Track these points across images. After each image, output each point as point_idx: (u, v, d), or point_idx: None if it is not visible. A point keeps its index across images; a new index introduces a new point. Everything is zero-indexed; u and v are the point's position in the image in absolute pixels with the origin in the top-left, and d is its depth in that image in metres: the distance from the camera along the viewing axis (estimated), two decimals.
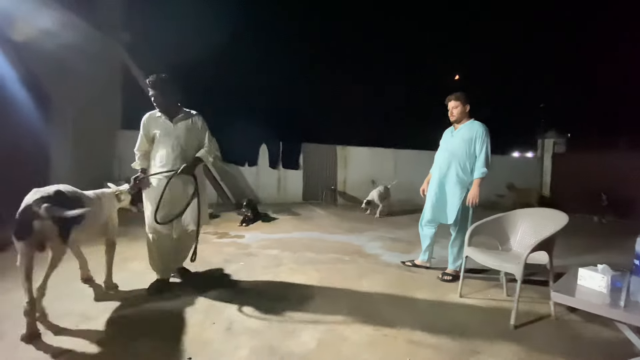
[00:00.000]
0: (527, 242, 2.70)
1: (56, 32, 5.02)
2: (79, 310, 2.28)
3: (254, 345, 1.97)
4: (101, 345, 1.91)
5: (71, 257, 3.38)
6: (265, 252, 3.95)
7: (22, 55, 4.71)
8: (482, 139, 3.09)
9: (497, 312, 2.54)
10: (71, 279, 2.82)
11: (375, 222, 6.30)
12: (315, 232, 5.19)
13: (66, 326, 2.08)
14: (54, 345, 1.87)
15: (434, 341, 2.09)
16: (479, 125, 3.15)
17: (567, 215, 2.55)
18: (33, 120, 4.89)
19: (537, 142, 10.82)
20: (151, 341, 1.97)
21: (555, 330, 2.32)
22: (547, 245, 2.41)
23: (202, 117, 2.89)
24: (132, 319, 2.23)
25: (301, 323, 2.26)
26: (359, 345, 2.02)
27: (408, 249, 4.30)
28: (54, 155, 5.50)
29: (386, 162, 9.41)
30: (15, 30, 4.57)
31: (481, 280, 3.18)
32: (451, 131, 3.35)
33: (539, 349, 2.06)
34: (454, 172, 3.18)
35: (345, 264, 3.61)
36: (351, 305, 2.57)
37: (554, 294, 1.94)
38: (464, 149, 3.13)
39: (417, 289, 2.96)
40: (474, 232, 2.76)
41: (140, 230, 2.90)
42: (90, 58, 5.89)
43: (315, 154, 9.05)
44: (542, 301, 2.71)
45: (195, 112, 2.91)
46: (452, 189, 3.20)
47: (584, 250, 4.46)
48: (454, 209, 3.17)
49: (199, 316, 2.30)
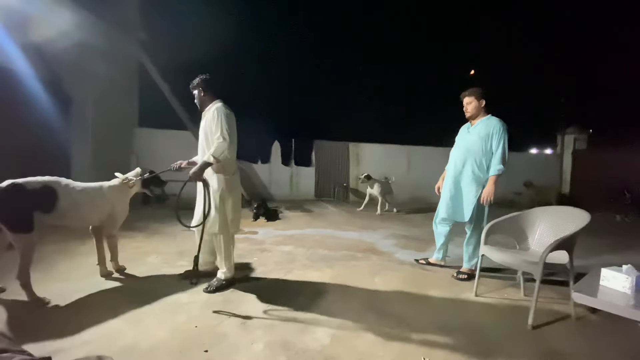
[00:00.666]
0: (546, 241, 2.63)
1: (74, 32, 5.16)
2: (99, 303, 2.36)
3: (269, 340, 1.99)
4: (119, 335, 1.98)
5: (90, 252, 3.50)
6: (278, 248, 3.99)
7: (43, 56, 4.87)
8: (500, 135, 3.00)
9: (514, 312, 2.49)
10: (93, 272, 2.91)
11: (388, 220, 6.26)
12: (328, 229, 5.20)
13: (87, 317, 2.16)
14: (77, 336, 1.95)
15: (449, 340, 2.07)
16: (496, 121, 3.06)
17: (589, 214, 2.47)
18: (55, 118, 5.06)
19: (557, 138, 10.51)
20: (167, 333, 2.02)
21: (575, 331, 2.26)
22: (567, 244, 2.34)
23: (222, 108, 2.62)
24: (148, 312, 2.29)
25: (315, 319, 2.27)
26: (374, 342, 2.02)
27: (422, 247, 4.26)
28: (75, 152, 5.68)
29: (399, 159, 9.32)
30: (35, 30, 4.71)
31: (497, 280, 3.12)
32: (467, 127, 3.28)
33: (558, 350, 2.01)
34: (469, 169, 3.12)
35: (358, 261, 3.60)
36: (365, 302, 2.57)
37: (575, 295, 1.89)
38: (480, 145, 3.06)
39: (432, 287, 2.93)
40: (490, 231, 2.71)
41: (158, 225, 2.97)
42: (108, 57, 6.03)
43: (328, 151, 9.05)
44: (561, 302, 2.64)
45: (222, 103, 2.69)
46: (468, 186, 3.14)
47: (606, 250, 4.32)
48: (469, 207, 3.12)
49: (214, 310, 2.34)
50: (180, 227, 3.21)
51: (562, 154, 10.17)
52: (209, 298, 2.53)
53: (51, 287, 2.58)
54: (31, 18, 4.57)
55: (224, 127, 2.55)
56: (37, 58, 4.71)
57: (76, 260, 3.24)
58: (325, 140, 9.10)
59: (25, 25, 4.52)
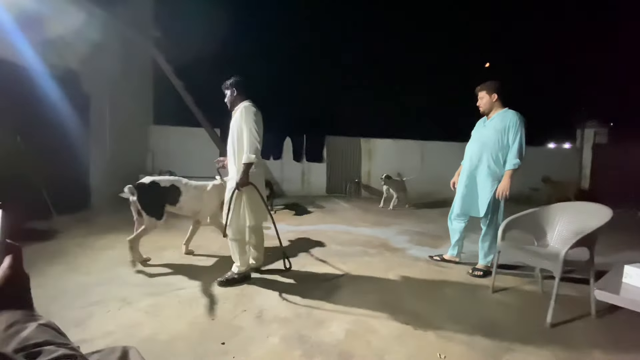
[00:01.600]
0: (565, 238, 2.57)
1: (91, 31, 5.27)
2: (120, 296, 2.43)
3: (285, 333, 2.02)
4: (139, 327, 2.03)
5: (109, 247, 3.60)
6: (291, 243, 4.01)
7: (61, 55, 4.99)
8: (516, 129, 2.92)
9: (533, 310, 2.45)
10: (113, 266, 3.00)
11: (401, 216, 6.22)
12: (341, 225, 5.20)
13: (110, 309, 2.23)
14: (99, 328, 2.01)
15: (465, 337, 2.05)
16: (513, 114, 2.98)
17: (611, 210, 2.40)
18: (73, 117, 5.19)
19: (576, 132, 10.18)
20: (185, 325, 2.07)
21: (595, 329, 2.20)
22: (588, 241, 2.28)
23: (250, 107, 2.68)
24: (167, 304, 2.35)
25: (330, 314, 2.28)
26: (389, 337, 2.02)
27: (436, 244, 4.21)
28: (93, 150, 5.83)
29: (412, 155, 9.22)
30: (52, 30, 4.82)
31: (514, 277, 3.06)
32: (484, 121, 3.21)
33: (578, 348, 1.97)
34: (485, 164, 3.06)
35: (371, 257, 3.59)
36: (379, 298, 2.56)
37: (598, 292, 1.84)
38: (496, 139, 2.99)
39: (447, 283, 2.90)
40: (507, 227, 2.66)
41: (174, 220, 3.03)
42: (124, 56, 6.15)
43: (339, 147, 9.02)
44: (580, 299, 2.58)
45: (250, 103, 2.75)
46: (484, 181, 3.08)
47: (627, 247, 4.18)
48: (485, 202, 3.07)
49: (230, 303, 2.38)
50: None
51: (582, 149, 9.86)
52: (225, 292, 2.57)
53: (75, 280, 2.67)
54: (47, 17, 4.68)
55: (253, 126, 2.62)
56: (54, 57, 4.83)
57: (96, 254, 3.34)
58: (337, 136, 9.07)
59: (42, 25, 4.64)
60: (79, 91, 5.41)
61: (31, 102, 4.50)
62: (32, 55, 4.41)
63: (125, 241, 3.00)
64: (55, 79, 4.74)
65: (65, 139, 4.98)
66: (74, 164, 5.35)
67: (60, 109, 4.83)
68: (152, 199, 2.98)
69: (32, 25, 4.38)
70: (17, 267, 0.52)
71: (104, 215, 4.96)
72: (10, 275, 0.51)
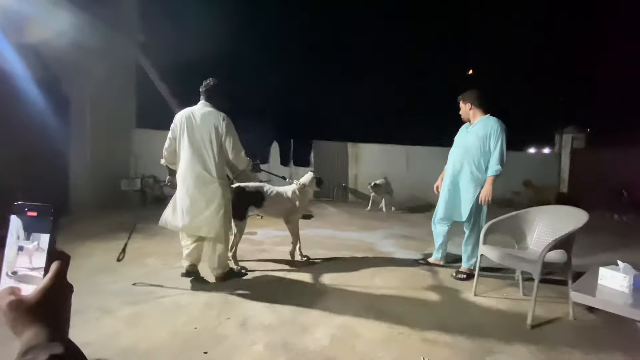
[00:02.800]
0: (544, 241, 2.64)
1: (72, 33, 5.14)
2: (98, 305, 2.35)
3: (269, 340, 1.99)
4: (118, 337, 1.97)
5: (88, 254, 3.49)
6: (278, 248, 3.98)
7: (40, 56, 4.85)
8: (497, 135, 3.00)
9: (513, 312, 2.50)
10: (92, 274, 2.91)
11: (387, 220, 6.27)
12: (327, 230, 5.20)
13: (88, 319, 2.16)
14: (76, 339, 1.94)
15: (448, 340, 2.07)
16: (495, 121, 3.07)
17: (587, 213, 2.48)
18: (53, 120, 5.03)
19: (555, 137, 10.52)
20: (167, 334, 2.02)
21: (573, 330, 2.27)
22: (566, 243, 2.35)
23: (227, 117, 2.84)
24: (148, 313, 2.29)
25: (315, 319, 2.27)
26: (373, 342, 2.02)
27: (421, 247, 4.26)
28: (73, 153, 5.66)
29: (398, 159, 9.32)
30: (33, 31, 4.69)
31: (496, 279, 3.12)
32: (466, 127, 3.30)
33: (556, 349, 2.02)
34: (467, 170, 3.14)
35: (358, 262, 3.60)
36: (364, 302, 2.57)
37: (574, 294, 1.90)
38: (478, 145, 3.08)
39: (431, 287, 2.94)
40: (489, 230, 2.72)
41: (158, 227, 2.96)
42: (107, 58, 6.01)
43: (327, 151, 9.05)
44: (559, 301, 2.65)
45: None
46: (466, 186, 3.15)
47: (604, 249, 4.33)
48: (467, 207, 3.13)
49: (213, 311, 2.34)
50: None
51: (560, 154, 10.19)
52: (208, 299, 2.53)
53: None
54: (28, 18, 4.55)
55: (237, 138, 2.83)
56: (34, 59, 4.69)
57: (74, 262, 3.21)
58: (324, 140, 9.10)
59: (22, 26, 4.51)
60: (59, 93, 5.25)
61: (6, 103, 4.35)
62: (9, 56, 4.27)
63: (104, 248, 2.92)
64: (32, 80, 4.60)
65: (42, 142, 4.81)
66: (52, 168, 5.18)
67: (37, 111, 4.68)
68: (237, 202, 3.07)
69: (10, 26, 4.25)
70: (62, 277, 0.48)
71: (84, 222, 4.81)
72: (52, 285, 0.47)
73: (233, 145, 2.77)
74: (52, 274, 0.47)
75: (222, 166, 2.80)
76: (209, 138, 2.72)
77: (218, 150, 2.74)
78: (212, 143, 2.73)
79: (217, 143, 2.74)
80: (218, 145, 2.74)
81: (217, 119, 2.75)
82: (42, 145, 4.82)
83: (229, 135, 2.75)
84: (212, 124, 2.74)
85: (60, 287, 0.48)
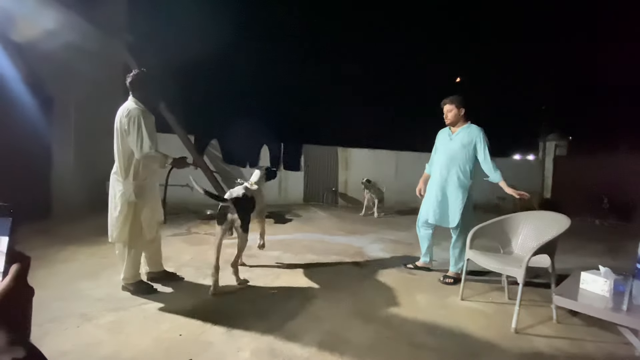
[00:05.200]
0: (529, 245, 2.70)
1: (59, 33, 5.04)
2: (79, 312, 2.28)
3: (256, 347, 1.96)
4: (99, 345, 1.91)
5: (70, 259, 3.40)
6: (266, 253, 3.95)
7: (25, 56, 4.73)
8: (482, 143, 3.11)
9: (499, 315, 2.53)
10: (73, 279, 2.82)
11: (376, 224, 6.30)
12: (317, 234, 5.18)
13: (67, 326, 2.08)
14: (55, 347, 1.87)
15: (435, 344, 2.08)
16: (477, 129, 3.17)
17: (569, 219, 2.54)
18: (35, 120, 4.90)
19: (539, 144, 10.80)
20: (150, 341, 1.97)
21: (557, 333, 2.31)
22: (549, 248, 2.40)
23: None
24: (131, 320, 2.23)
25: (302, 325, 2.25)
26: (361, 347, 2.01)
27: (409, 251, 4.29)
28: (56, 155, 5.51)
29: (387, 164, 9.40)
30: (18, 30, 4.58)
31: (483, 283, 3.17)
32: (448, 134, 3.34)
33: (540, 352, 2.05)
34: (455, 176, 3.19)
35: (346, 266, 3.60)
36: (353, 307, 2.56)
37: (556, 298, 1.93)
38: (463, 153, 3.16)
39: (419, 291, 2.95)
40: (475, 235, 2.76)
41: None
42: (93, 58, 5.90)
43: (317, 155, 9.06)
44: (543, 304, 2.70)
45: None
46: (454, 192, 3.19)
47: (586, 254, 4.44)
48: (456, 212, 3.17)
49: (198, 317, 2.29)
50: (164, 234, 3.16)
51: (544, 160, 10.46)
52: (194, 305, 2.48)
53: None
54: (14, 18, 4.44)
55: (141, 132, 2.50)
56: (18, 58, 4.57)
57: (55, 267, 3.13)
58: (314, 144, 9.11)
59: (8, 25, 4.39)
60: (42, 93, 5.12)
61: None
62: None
63: (88, 253, 2.84)
64: (15, 80, 4.47)
65: (23, 141, 4.67)
66: (34, 169, 5.03)
67: (19, 111, 4.55)
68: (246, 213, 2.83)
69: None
70: (22, 280, 0.46)
71: (67, 225, 4.68)
72: (11, 288, 0.44)
73: (135, 140, 2.42)
74: (11, 277, 0.45)
75: (129, 165, 2.52)
76: (117, 134, 2.52)
77: (124, 147, 2.50)
78: (118, 139, 2.52)
79: (122, 139, 2.50)
80: (124, 142, 2.49)
81: (122, 113, 2.50)
82: (23, 145, 4.68)
83: (131, 129, 2.43)
84: (119, 119, 2.51)
85: (20, 290, 0.46)
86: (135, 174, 2.53)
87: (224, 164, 8.12)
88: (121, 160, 2.52)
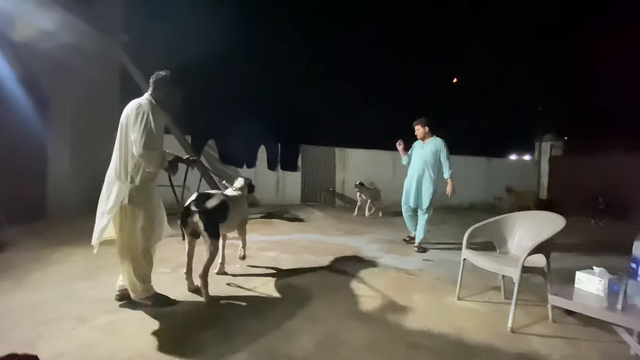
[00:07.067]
0: (524, 245, 2.71)
1: (55, 33, 5.01)
2: (74, 313, 2.27)
3: (253, 348, 1.96)
4: (95, 347, 1.90)
5: (65, 260, 3.38)
6: (263, 254, 3.95)
7: (20, 56, 4.70)
8: (444, 150, 4.39)
9: (495, 315, 2.55)
10: (68, 281, 2.80)
11: (374, 224, 6.31)
12: (314, 234, 5.18)
13: (62, 329, 2.07)
14: (50, 349, 1.86)
15: (432, 344, 2.09)
16: (440, 141, 4.46)
17: (565, 219, 2.56)
18: (31, 120, 4.87)
19: (535, 145, 10.87)
20: (147, 343, 1.96)
21: (552, 333, 2.32)
22: (544, 248, 2.42)
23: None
24: (127, 321, 2.22)
25: (300, 326, 2.25)
26: (358, 348, 2.02)
27: (406, 251, 4.31)
28: (52, 155, 5.47)
29: (384, 165, 9.42)
30: (15, 30, 4.55)
31: (479, 283, 3.18)
32: (421, 145, 4.61)
33: (536, 352, 2.06)
34: (427, 175, 4.46)
35: (343, 267, 3.60)
36: (350, 307, 2.57)
37: (552, 297, 1.95)
38: (433, 158, 4.45)
39: (415, 291, 2.96)
40: (472, 235, 2.77)
41: None
42: (89, 59, 5.87)
43: (314, 155, 9.06)
44: (539, 304, 2.71)
45: None
46: (427, 185, 4.44)
47: (581, 254, 4.48)
48: (427, 199, 4.43)
49: (195, 318, 2.29)
50: None
51: (540, 161, 10.52)
52: (190, 306, 2.47)
53: (24, 296, 2.46)
54: (10, 17, 4.41)
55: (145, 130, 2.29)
56: (15, 58, 4.54)
57: (50, 268, 3.11)
58: (312, 145, 9.11)
59: (4, 25, 4.36)
60: (38, 94, 5.08)
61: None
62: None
63: (83, 254, 2.82)
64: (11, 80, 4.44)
65: (18, 143, 4.64)
66: (29, 170, 5.00)
67: (14, 112, 4.52)
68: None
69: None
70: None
71: (62, 227, 4.65)
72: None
73: (137, 137, 2.21)
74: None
75: (127, 164, 2.32)
76: (121, 130, 2.34)
77: (126, 144, 2.31)
78: (122, 135, 2.33)
79: (126, 135, 2.31)
80: (127, 138, 2.30)
81: (133, 106, 2.33)
82: (20, 146, 4.64)
83: (134, 125, 2.24)
84: (127, 113, 2.33)
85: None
86: (133, 176, 2.32)
87: (220, 164, 8.10)
88: (121, 158, 2.32)
